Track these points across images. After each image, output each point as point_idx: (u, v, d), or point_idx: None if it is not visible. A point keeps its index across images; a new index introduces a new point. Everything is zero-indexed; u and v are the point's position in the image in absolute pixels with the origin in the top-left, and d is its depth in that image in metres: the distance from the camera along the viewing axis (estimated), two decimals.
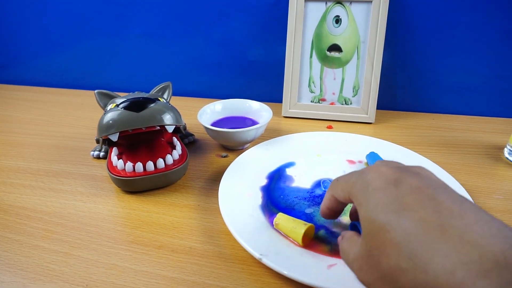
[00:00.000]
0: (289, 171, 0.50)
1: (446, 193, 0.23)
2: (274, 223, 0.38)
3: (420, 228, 0.21)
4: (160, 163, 0.46)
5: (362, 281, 0.25)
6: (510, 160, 0.53)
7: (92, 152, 0.56)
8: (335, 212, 0.33)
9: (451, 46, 0.65)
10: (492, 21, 0.62)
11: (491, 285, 0.18)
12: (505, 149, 0.55)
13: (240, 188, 0.45)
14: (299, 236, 0.36)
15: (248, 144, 0.57)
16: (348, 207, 0.39)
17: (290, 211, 0.42)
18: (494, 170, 0.51)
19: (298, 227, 0.36)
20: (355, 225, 0.33)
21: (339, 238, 0.30)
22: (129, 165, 0.46)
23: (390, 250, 0.22)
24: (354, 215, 0.35)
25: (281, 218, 0.38)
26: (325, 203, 0.33)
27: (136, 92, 0.55)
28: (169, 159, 0.47)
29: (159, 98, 0.50)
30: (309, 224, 0.37)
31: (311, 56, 0.66)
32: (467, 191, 0.43)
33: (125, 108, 0.45)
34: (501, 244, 0.19)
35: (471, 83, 0.67)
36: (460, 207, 0.22)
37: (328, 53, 0.65)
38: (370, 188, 0.25)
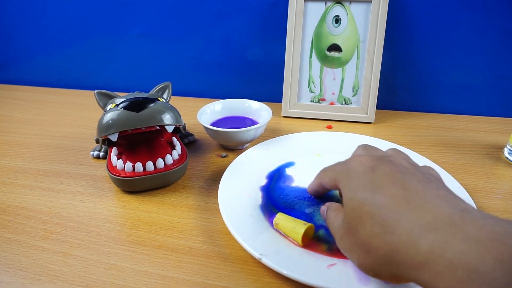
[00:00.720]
0: (289, 171, 0.50)
1: (413, 176, 0.28)
2: (273, 223, 0.38)
3: (391, 201, 0.26)
4: (160, 163, 0.46)
5: (342, 248, 0.30)
6: (510, 160, 0.53)
7: (92, 152, 0.56)
8: (320, 194, 0.42)
9: (451, 46, 0.65)
10: (492, 21, 0.62)
11: (438, 237, 0.23)
12: (505, 148, 0.55)
13: (239, 188, 0.45)
14: (298, 236, 0.36)
15: (248, 144, 0.57)
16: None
17: (289, 211, 0.42)
18: (494, 170, 0.51)
19: (298, 227, 0.36)
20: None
21: (323, 208, 0.36)
22: (129, 165, 0.46)
23: (366, 220, 0.27)
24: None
25: (280, 218, 0.38)
26: (312, 187, 0.41)
27: (135, 92, 0.55)
28: (169, 159, 0.47)
29: (159, 98, 0.50)
30: (308, 224, 0.37)
31: (310, 56, 0.66)
32: (467, 191, 0.43)
33: (124, 108, 0.44)
34: (450, 209, 0.24)
35: (471, 83, 0.67)
36: (424, 186, 0.27)
37: (327, 53, 0.65)
38: (352, 174, 0.30)
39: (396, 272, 0.25)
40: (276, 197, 0.44)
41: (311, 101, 0.68)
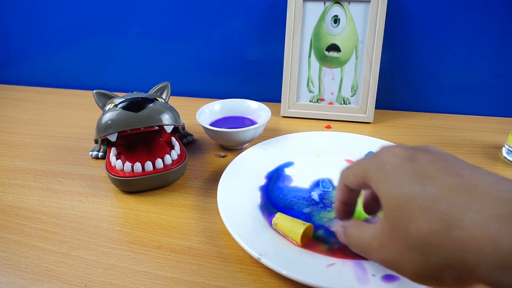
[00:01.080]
0: (288, 171, 0.50)
1: (459, 162, 0.25)
2: (272, 223, 0.38)
3: (447, 191, 0.22)
4: (159, 163, 0.46)
5: (385, 259, 0.25)
6: (508, 160, 0.53)
7: (91, 152, 0.56)
8: (349, 205, 0.33)
9: (449, 46, 0.65)
10: (490, 20, 0.62)
11: None
12: (503, 148, 0.55)
13: (239, 188, 0.45)
14: (297, 236, 0.36)
15: (247, 144, 0.57)
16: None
17: (289, 211, 0.42)
18: (492, 170, 0.51)
19: (297, 227, 0.36)
20: None
21: (338, 228, 0.31)
22: (128, 165, 0.46)
23: (419, 217, 0.22)
24: (368, 206, 0.33)
25: (279, 218, 0.38)
26: (338, 197, 0.33)
27: (134, 92, 0.55)
28: (168, 159, 0.47)
29: (158, 98, 0.50)
30: (307, 224, 0.37)
31: (309, 56, 0.66)
32: None
33: (123, 108, 0.44)
34: None
35: (469, 83, 0.67)
36: (477, 171, 0.23)
37: (326, 53, 0.65)
38: (387, 167, 0.26)
39: (466, 276, 0.21)
40: (275, 197, 0.44)
41: (310, 101, 0.68)
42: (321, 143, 0.55)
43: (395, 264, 0.25)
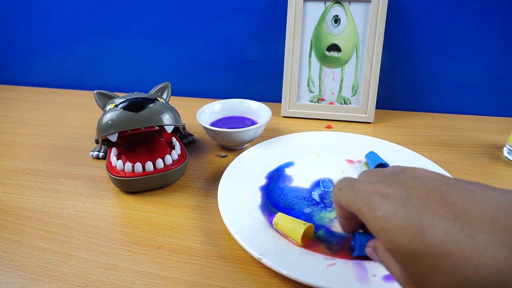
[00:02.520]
0: (288, 171, 0.50)
1: (449, 189, 0.23)
2: (273, 222, 0.38)
3: (451, 242, 0.20)
4: (159, 163, 0.46)
5: None
6: (509, 160, 0.53)
7: (91, 153, 0.56)
8: (352, 219, 0.31)
9: (450, 46, 0.65)
10: (490, 20, 0.62)
11: None
12: (504, 148, 0.55)
13: (239, 188, 0.45)
14: (298, 236, 0.36)
15: (247, 144, 0.57)
16: None
17: (289, 211, 0.42)
18: (493, 170, 0.51)
19: (297, 227, 0.36)
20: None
21: (370, 250, 0.29)
22: (128, 165, 0.46)
23: (434, 276, 0.21)
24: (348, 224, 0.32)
25: (280, 217, 0.38)
26: (337, 213, 0.32)
27: (135, 92, 0.55)
28: (168, 159, 0.47)
29: (158, 98, 0.50)
30: (308, 224, 0.37)
31: (310, 56, 0.66)
32: None
33: (124, 108, 0.44)
34: None
35: (470, 83, 0.67)
36: (472, 199, 0.22)
37: (327, 52, 0.65)
38: (379, 215, 0.24)
39: None
40: (275, 197, 0.44)
41: (310, 101, 0.68)
42: (321, 143, 0.55)
43: None
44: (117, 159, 0.47)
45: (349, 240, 0.37)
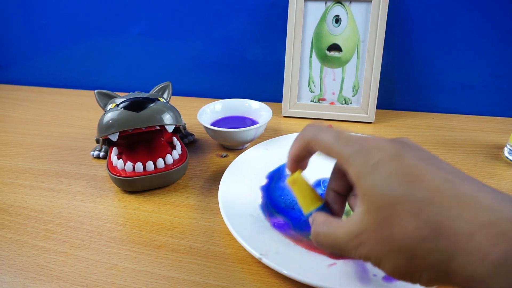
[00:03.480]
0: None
1: (444, 164, 0.24)
2: (289, 179, 0.33)
3: (436, 197, 0.21)
4: (160, 163, 0.46)
5: (363, 256, 0.24)
6: (510, 160, 0.53)
7: (92, 152, 0.56)
8: (302, 161, 0.31)
9: (450, 46, 0.65)
10: (491, 20, 0.62)
11: (509, 247, 0.19)
12: (505, 148, 0.55)
13: (240, 187, 0.45)
14: (308, 208, 0.32)
15: (248, 144, 0.57)
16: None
17: (289, 210, 0.42)
18: (494, 170, 0.51)
19: (313, 201, 0.32)
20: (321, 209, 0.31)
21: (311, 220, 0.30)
22: (129, 165, 0.46)
23: (406, 221, 0.22)
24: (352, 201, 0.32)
25: (299, 178, 0.32)
26: (293, 153, 0.31)
27: (136, 92, 0.55)
28: (169, 159, 0.47)
29: (159, 98, 0.50)
30: (322, 203, 0.33)
31: (310, 56, 0.66)
32: None
33: (125, 108, 0.45)
34: (508, 205, 0.20)
35: (470, 83, 0.67)
36: (461, 176, 0.23)
37: (327, 52, 0.65)
38: (371, 162, 0.24)
39: (445, 279, 0.21)
40: (276, 197, 0.44)
41: (311, 101, 0.68)
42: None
43: (375, 261, 0.24)
44: (118, 159, 0.47)
45: None
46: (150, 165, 0.46)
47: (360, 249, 0.24)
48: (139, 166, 0.46)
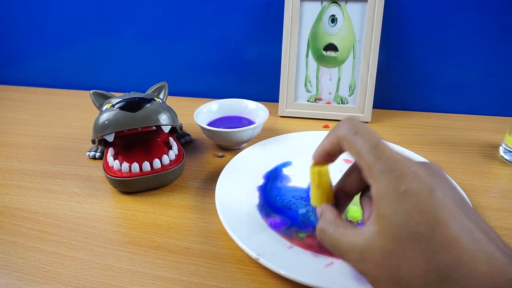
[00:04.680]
0: (285, 171, 0.50)
1: (471, 210, 0.23)
2: (314, 168, 0.31)
3: (454, 247, 0.21)
4: (157, 163, 0.46)
5: (360, 271, 0.24)
6: (505, 159, 0.53)
7: (88, 153, 0.56)
8: (332, 156, 0.30)
9: (446, 45, 0.65)
10: (486, 20, 0.62)
11: None
12: (500, 147, 0.55)
13: (236, 188, 0.45)
14: (319, 202, 0.32)
15: (245, 144, 0.57)
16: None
17: (286, 210, 0.42)
18: (490, 169, 0.52)
19: (327, 198, 0.31)
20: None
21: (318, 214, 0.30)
22: (125, 165, 0.46)
23: (417, 261, 0.21)
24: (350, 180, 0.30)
25: (325, 171, 0.31)
26: (324, 146, 0.30)
27: (131, 92, 0.55)
28: (166, 159, 0.47)
29: (155, 98, 0.50)
30: (333, 203, 0.32)
31: (307, 56, 0.66)
32: (463, 190, 0.43)
33: (120, 108, 0.44)
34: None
35: (466, 82, 0.67)
36: (484, 229, 0.22)
37: (324, 52, 0.65)
38: (400, 189, 0.22)
39: None
40: (273, 197, 0.44)
41: (307, 101, 0.68)
42: (319, 142, 0.55)
43: (370, 280, 0.24)
44: (114, 159, 0.47)
45: None
46: (146, 165, 0.46)
47: (360, 264, 0.24)
48: (135, 166, 0.45)
